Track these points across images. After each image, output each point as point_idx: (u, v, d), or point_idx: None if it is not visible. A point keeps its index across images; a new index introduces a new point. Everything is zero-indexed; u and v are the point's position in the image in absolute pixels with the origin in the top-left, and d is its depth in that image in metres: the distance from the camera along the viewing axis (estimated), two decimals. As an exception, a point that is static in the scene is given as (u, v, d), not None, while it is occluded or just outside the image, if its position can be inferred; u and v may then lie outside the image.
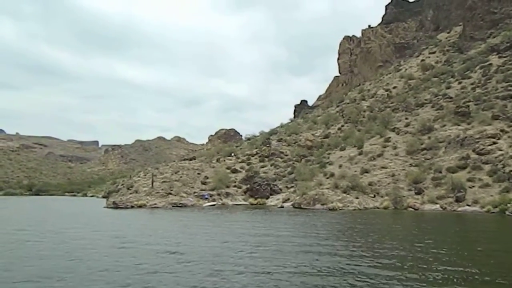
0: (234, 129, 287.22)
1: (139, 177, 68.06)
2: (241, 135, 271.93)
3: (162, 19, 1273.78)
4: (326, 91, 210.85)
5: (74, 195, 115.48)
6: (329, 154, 65.05)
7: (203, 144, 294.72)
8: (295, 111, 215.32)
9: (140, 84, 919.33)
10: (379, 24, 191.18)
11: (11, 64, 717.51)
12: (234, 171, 65.62)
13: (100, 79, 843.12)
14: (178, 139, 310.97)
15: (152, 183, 56.94)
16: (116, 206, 51.22)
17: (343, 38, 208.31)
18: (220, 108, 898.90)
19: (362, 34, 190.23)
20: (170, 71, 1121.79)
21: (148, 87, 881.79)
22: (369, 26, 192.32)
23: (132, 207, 50.55)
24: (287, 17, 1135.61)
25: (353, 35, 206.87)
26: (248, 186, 57.42)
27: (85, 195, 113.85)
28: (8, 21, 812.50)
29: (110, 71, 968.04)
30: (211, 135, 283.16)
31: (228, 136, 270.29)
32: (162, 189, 55.89)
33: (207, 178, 61.06)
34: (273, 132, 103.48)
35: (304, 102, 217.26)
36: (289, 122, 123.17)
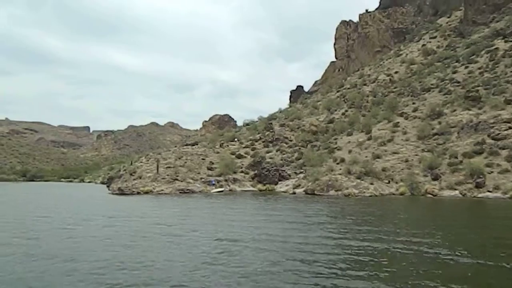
0: (228, 115, 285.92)
1: (141, 162, 66.50)
2: (235, 121, 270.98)
3: (153, 4, 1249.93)
4: (322, 77, 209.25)
5: (71, 181, 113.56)
6: (335, 139, 64.00)
7: (197, 130, 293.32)
8: (291, 96, 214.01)
9: (130, 69, 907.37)
10: (376, 9, 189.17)
11: (0, 49, 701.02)
12: (239, 156, 64.36)
13: (90, 64, 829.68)
14: (172, 124, 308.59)
15: (157, 169, 55.46)
16: (121, 192, 49.92)
17: (340, 23, 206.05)
18: (212, 94, 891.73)
19: (360, 18, 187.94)
20: (161, 57, 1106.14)
21: (138, 73, 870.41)
22: (367, 10, 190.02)
23: (138, 193, 49.28)
24: (279, 2, 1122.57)
25: (350, 20, 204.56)
26: (256, 171, 56.25)
27: (82, 181, 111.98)
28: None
29: (100, 56, 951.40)
30: (205, 121, 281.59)
31: (222, 122, 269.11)
32: (168, 175, 54.51)
33: (213, 163, 59.74)
34: (272, 117, 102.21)
35: (300, 87, 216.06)
36: (288, 108, 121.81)
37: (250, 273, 11.39)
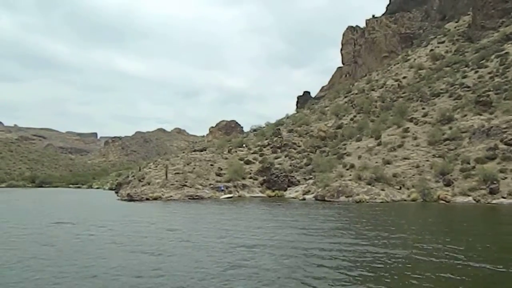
0: (235, 121, 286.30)
1: (149, 168, 66.59)
2: (242, 127, 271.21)
3: (160, 10, 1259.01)
4: (329, 82, 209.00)
5: (79, 187, 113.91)
6: (344, 145, 63.57)
7: (203, 136, 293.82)
8: (297, 102, 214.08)
9: (137, 75, 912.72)
10: (383, 14, 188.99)
11: (8, 56, 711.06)
12: (248, 162, 64.13)
13: (97, 70, 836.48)
14: (179, 130, 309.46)
15: (166, 175, 55.42)
16: (130, 199, 49.86)
17: (347, 28, 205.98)
18: (218, 99, 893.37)
19: (366, 24, 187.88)
20: (168, 63, 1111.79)
21: (145, 79, 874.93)
22: (373, 16, 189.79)
23: (147, 199, 49.14)
24: (285, 8, 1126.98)
25: (357, 25, 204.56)
26: (265, 177, 55.97)
27: (90, 187, 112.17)
28: (5, 12, 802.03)
29: (107, 62, 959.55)
30: (212, 127, 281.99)
31: (229, 128, 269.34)
32: (177, 181, 54.42)
33: (221, 169, 59.57)
34: (279, 123, 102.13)
35: (307, 93, 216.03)
36: (295, 113, 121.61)
37: (272, 279, 11.17)
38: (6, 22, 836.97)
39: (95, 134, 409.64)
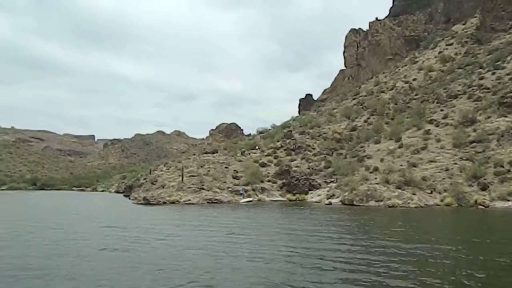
0: (235, 123, 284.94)
1: (161, 171, 64.67)
2: (242, 129, 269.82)
3: (156, 14, 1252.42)
4: (331, 85, 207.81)
5: (83, 190, 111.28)
6: (362, 147, 61.99)
7: (203, 139, 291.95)
8: (300, 105, 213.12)
9: (134, 78, 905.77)
10: (386, 17, 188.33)
11: (4, 59, 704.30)
12: (263, 165, 62.31)
13: (93, 73, 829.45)
14: (178, 133, 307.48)
15: (182, 178, 53.51)
16: (147, 202, 47.92)
17: (349, 31, 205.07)
18: (215, 103, 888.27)
19: (370, 26, 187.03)
20: (164, 66, 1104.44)
21: (142, 82, 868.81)
22: (377, 18, 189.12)
23: (164, 203, 47.24)
24: (281, 13, 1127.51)
25: (360, 28, 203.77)
26: (284, 181, 54.15)
27: (94, 189, 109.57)
28: (1, 15, 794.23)
29: (103, 65, 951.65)
30: (212, 129, 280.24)
31: (229, 130, 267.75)
32: (193, 184, 52.49)
33: (237, 172, 57.74)
34: (286, 125, 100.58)
35: (309, 95, 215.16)
36: (302, 116, 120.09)
37: None
38: (2, 25, 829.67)
39: (92, 137, 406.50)
